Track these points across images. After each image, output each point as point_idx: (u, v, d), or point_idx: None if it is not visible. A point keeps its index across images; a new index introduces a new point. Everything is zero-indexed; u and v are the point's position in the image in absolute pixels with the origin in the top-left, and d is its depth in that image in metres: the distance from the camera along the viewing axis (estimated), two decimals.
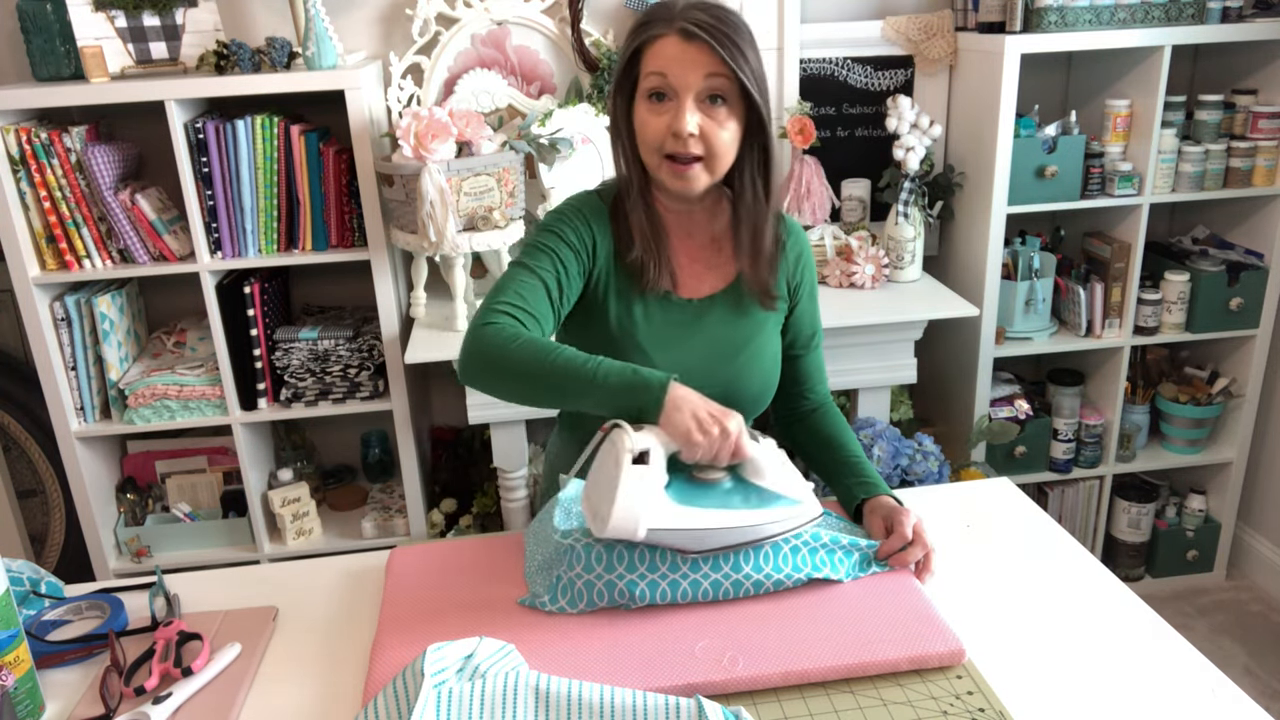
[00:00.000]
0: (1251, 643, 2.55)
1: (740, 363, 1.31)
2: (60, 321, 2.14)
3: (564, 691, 0.91)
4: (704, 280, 1.33)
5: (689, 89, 1.18)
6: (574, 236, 1.27)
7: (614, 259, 1.30)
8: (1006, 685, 1.01)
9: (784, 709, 0.98)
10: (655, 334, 1.30)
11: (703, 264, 1.33)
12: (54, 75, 2.11)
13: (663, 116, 1.20)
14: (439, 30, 2.32)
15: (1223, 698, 0.99)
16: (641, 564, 1.10)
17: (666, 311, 1.31)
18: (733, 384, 1.31)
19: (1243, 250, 2.57)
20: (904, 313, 2.20)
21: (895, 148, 2.35)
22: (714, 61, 1.17)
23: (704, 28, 1.16)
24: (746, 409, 1.34)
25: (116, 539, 2.35)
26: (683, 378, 1.23)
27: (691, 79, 1.18)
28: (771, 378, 1.36)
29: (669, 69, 1.18)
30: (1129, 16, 2.25)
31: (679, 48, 1.17)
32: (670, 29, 1.17)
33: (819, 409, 1.44)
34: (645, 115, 1.22)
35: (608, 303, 1.30)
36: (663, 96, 1.20)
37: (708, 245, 1.34)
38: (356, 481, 2.62)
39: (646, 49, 1.20)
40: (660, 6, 1.20)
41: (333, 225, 2.17)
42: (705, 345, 1.31)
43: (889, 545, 1.18)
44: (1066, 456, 2.61)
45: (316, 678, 1.07)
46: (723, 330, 1.32)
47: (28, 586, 1.21)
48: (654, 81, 1.19)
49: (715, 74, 1.17)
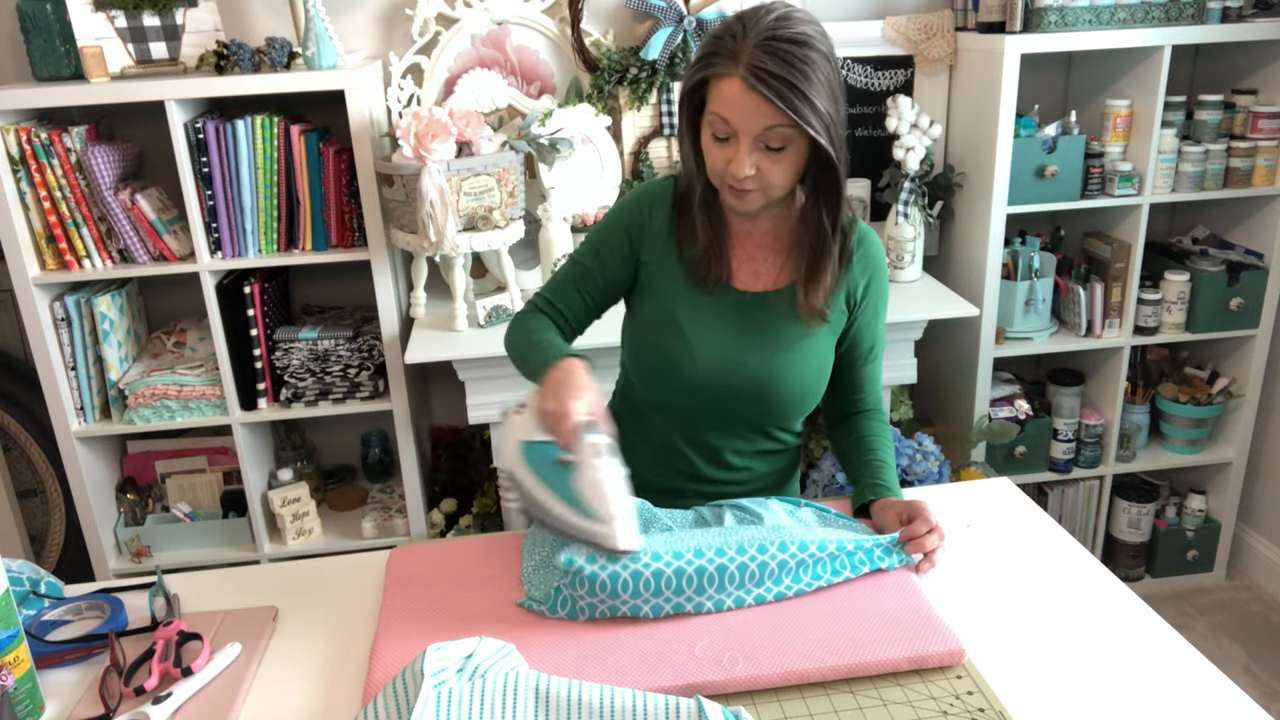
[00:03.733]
0: (1251, 643, 2.55)
1: (781, 363, 1.31)
2: (60, 321, 2.14)
3: (564, 692, 0.91)
4: (760, 276, 1.33)
5: (748, 135, 1.16)
6: (620, 235, 1.34)
7: (672, 246, 1.32)
8: (1006, 685, 1.01)
9: (784, 709, 0.98)
10: (699, 318, 1.30)
11: (759, 262, 1.33)
12: (54, 75, 2.11)
13: (724, 150, 1.19)
14: (439, 30, 2.31)
15: (1224, 698, 0.99)
16: (646, 590, 1.09)
17: (716, 300, 1.31)
18: (770, 381, 1.31)
19: (1243, 250, 2.57)
20: (904, 313, 2.19)
21: (895, 148, 2.35)
22: (775, 115, 1.13)
23: (767, 79, 1.11)
24: (782, 409, 1.35)
25: (116, 539, 2.35)
26: (717, 365, 1.29)
27: (750, 127, 1.15)
28: (814, 383, 1.35)
29: (730, 114, 1.16)
30: (1129, 16, 2.25)
31: (741, 93, 1.13)
32: (735, 70, 1.13)
33: (865, 414, 1.44)
34: (709, 145, 1.21)
35: (659, 286, 1.32)
36: (725, 137, 1.19)
37: (768, 244, 1.33)
38: (356, 481, 2.62)
39: (712, 82, 1.17)
40: (730, 34, 1.15)
41: (333, 225, 2.17)
42: (747, 338, 1.31)
43: (914, 529, 1.19)
44: (1066, 456, 2.61)
45: (316, 678, 1.07)
46: (769, 327, 1.31)
47: (28, 586, 1.21)
48: (716, 122, 1.18)
49: (776, 125, 1.14)
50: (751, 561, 1.11)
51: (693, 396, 1.32)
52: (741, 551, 1.12)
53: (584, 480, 1.10)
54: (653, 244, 1.33)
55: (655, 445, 1.39)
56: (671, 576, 1.09)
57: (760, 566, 1.11)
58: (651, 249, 1.33)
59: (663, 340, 1.31)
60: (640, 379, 1.38)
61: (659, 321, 1.32)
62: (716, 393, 1.31)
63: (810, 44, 1.14)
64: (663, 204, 1.33)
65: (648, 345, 1.33)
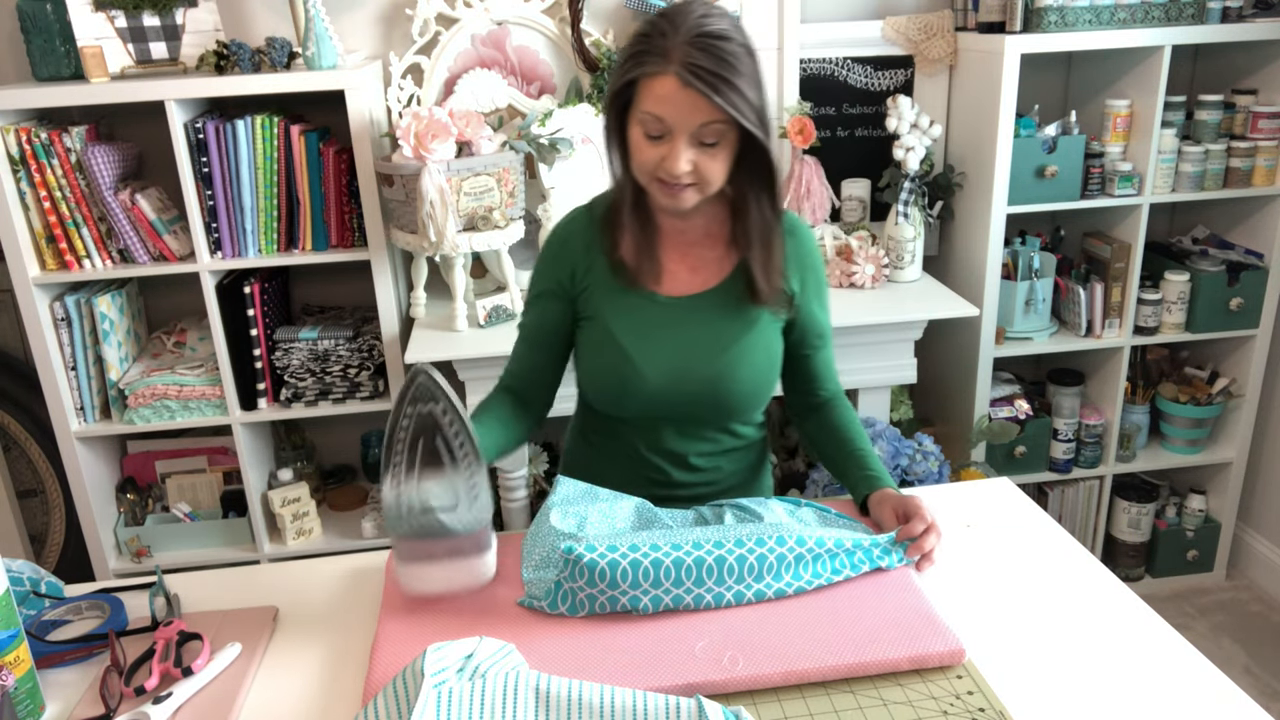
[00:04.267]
0: (1251, 643, 2.55)
1: (726, 361, 1.31)
2: (60, 321, 2.14)
3: (564, 691, 0.91)
4: (693, 278, 1.34)
5: (684, 131, 1.17)
6: (550, 285, 1.35)
7: (601, 264, 1.33)
8: (1006, 685, 1.01)
9: (784, 709, 0.98)
10: (637, 331, 1.31)
11: (692, 261, 1.34)
12: (54, 75, 2.11)
13: (657, 150, 1.20)
14: (439, 30, 2.31)
15: (1224, 698, 0.99)
16: (645, 580, 1.09)
17: (649, 310, 1.32)
18: (720, 382, 1.31)
19: (1243, 250, 2.57)
20: (904, 313, 2.20)
21: (895, 148, 2.35)
22: (711, 110, 1.15)
23: (702, 75, 1.12)
24: (739, 405, 1.35)
25: (116, 539, 2.35)
26: (667, 374, 1.30)
27: (687, 123, 1.16)
28: (765, 377, 1.36)
29: (664, 112, 1.16)
30: (1129, 16, 2.25)
31: (675, 90, 1.14)
32: (668, 69, 1.14)
33: (828, 402, 1.44)
34: (640, 142, 1.21)
35: (595, 307, 1.33)
36: (658, 135, 1.19)
37: (699, 243, 1.34)
38: (356, 481, 2.62)
39: (641, 82, 1.17)
40: (658, 33, 1.16)
41: (333, 225, 2.17)
42: (688, 343, 1.31)
43: (910, 529, 1.19)
44: (1066, 456, 2.61)
45: (316, 678, 1.07)
46: (708, 328, 1.32)
47: (28, 586, 1.21)
48: (648, 121, 1.18)
49: (712, 120, 1.16)
50: (750, 554, 1.11)
51: (650, 409, 1.34)
52: (740, 545, 1.12)
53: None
54: (584, 274, 1.33)
55: (621, 459, 1.40)
56: (670, 567, 1.09)
57: (759, 560, 1.11)
58: (584, 279, 1.33)
59: (610, 361, 1.31)
60: (596, 402, 1.39)
61: (603, 343, 1.32)
62: (672, 401, 1.32)
63: (735, 39, 1.16)
64: (582, 233, 1.34)
65: (598, 369, 1.34)
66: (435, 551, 1.10)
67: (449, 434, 1.05)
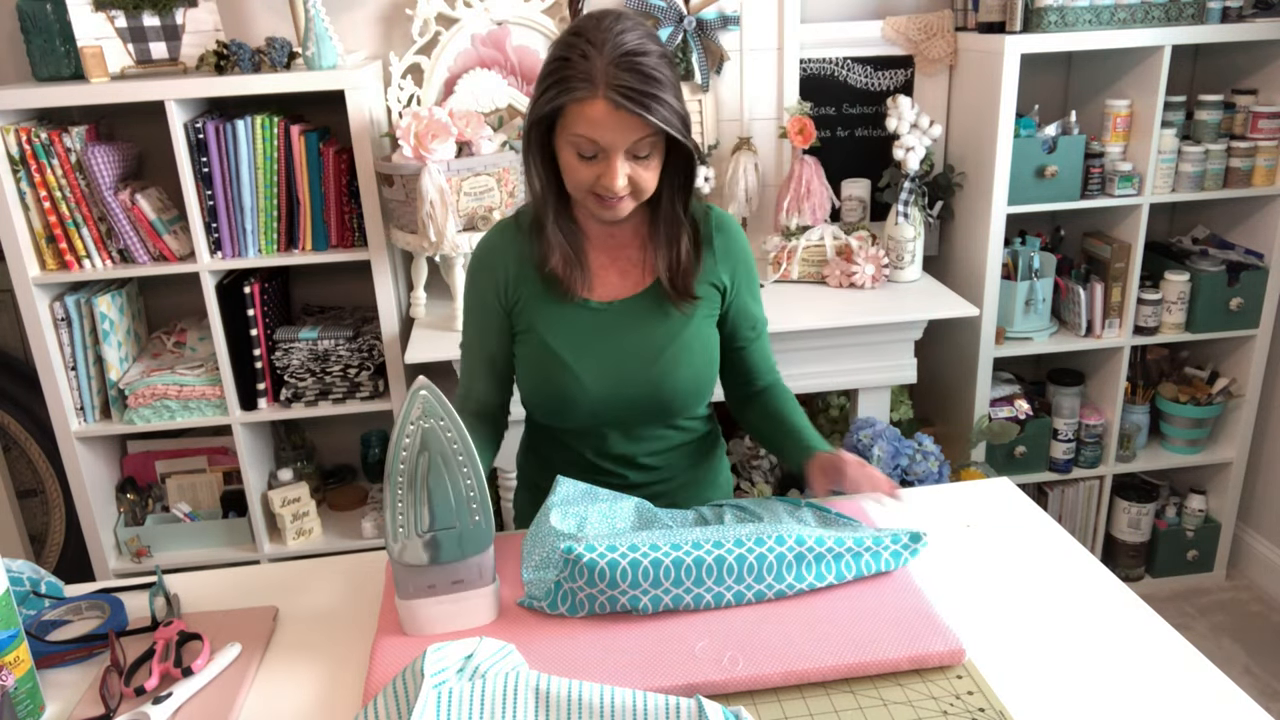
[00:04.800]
0: (1251, 643, 2.55)
1: (665, 362, 1.32)
2: (60, 321, 2.14)
3: (564, 691, 0.91)
4: (623, 282, 1.34)
5: (618, 150, 1.18)
6: (486, 301, 1.35)
7: (532, 276, 1.33)
8: (1006, 685, 1.01)
9: (784, 709, 0.98)
10: (573, 341, 1.31)
11: (621, 266, 1.35)
12: (54, 75, 2.11)
13: (592, 169, 1.20)
14: (439, 30, 2.31)
15: (1224, 698, 0.99)
16: (645, 580, 1.09)
17: (583, 317, 1.32)
18: (660, 384, 1.32)
19: (1243, 250, 2.57)
20: (904, 313, 2.20)
21: (895, 148, 2.35)
22: (642, 127, 1.16)
23: (631, 96, 1.13)
24: (681, 403, 1.36)
25: (116, 539, 2.35)
26: (606, 381, 1.30)
27: (620, 142, 1.17)
28: (704, 374, 1.36)
29: (597, 135, 1.16)
30: (1129, 16, 2.25)
31: (606, 114, 1.15)
32: (595, 93, 1.14)
33: (766, 390, 1.45)
34: (572, 163, 1.21)
35: (529, 320, 1.33)
36: (591, 156, 1.19)
37: (627, 247, 1.35)
38: (356, 481, 2.62)
39: (570, 106, 1.16)
40: (579, 55, 1.15)
41: (333, 225, 2.17)
42: (625, 348, 1.32)
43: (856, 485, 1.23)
44: (1066, 456, 2.61)
45: (316, 678, 1.07)
46: (643, 332, 1.32)
47: (28, 586, 1.21)
48: (582, 143, 1.18)
49: (645, 135, 1.17)
50: (750, 554, 1.11)
51: (593, 417, 1.34)
52: (740, 544, 1.12)
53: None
54: (515, 287, 1.33)
55: (571, 469, 1.40)
56: (670, 567, 1.09)
57: (759, 560, 1.11)
58: (516, 292, 1.33)
59: (549, 374, 1.32)
60: (539, 413, 1.40)
61: (541, 356, 1.32)
62: (614, 406, 1.33)
63: (654, 50, 1.17)
64: (508, 247, 1.34)
65: (537, 382, 1.34)
66: (437, 582, 1.09)
67: (449, 452, 1.05)
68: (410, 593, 1.08)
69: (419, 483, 1.05)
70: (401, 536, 1.06)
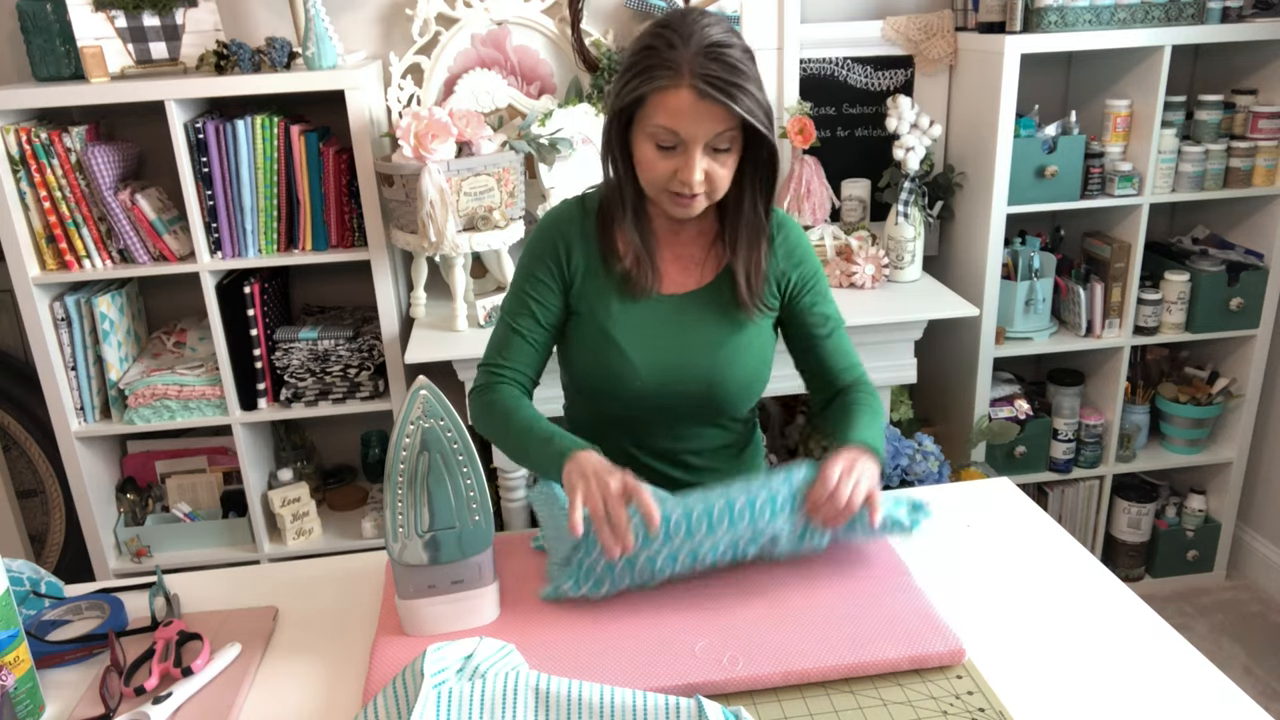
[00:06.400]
0: (1251, 643, 2.55)
1: (724, 356, 1.31)
2: (60, 321, 2.14)
3: (564, 691, 0.91)
4: (687, 276, 1.34)
5: (698, 142, 1.17)
6: (545, 273, 1.32)
7: (596, 264, 1.32)
8: (1006, 685, 1.01)
9: (784, 709, 0.98)
10: (633, 331, 1.31)
11: (686, 260, 1.34)
12: (54, 75, 2.11)
13: (670, 161, 1.20)
14: (439, 30, 2.31)
15: (1224, 698, 0.99)
16: (656, 539, 1.09)
17: (646, 309, 1.32)
18: (715, 376, 1.31)
19: (1243, 250, 2.57)
20: (904, 313, 2.20)
21: (895, 148, 2.35)
22: (728, 118, 1.16)
23: (718, 85, 1.13)
24: (730, 402, 1.35)
25: (116, 539, 2.35)
26: (662, 373, 1.29)
27: (702, 134, 1.17)
28: (757, 370, 1.35)
29: (679, 125, 1.16)
30: (1129, 16, 2.25)
31: (691, 104, 1.14)
32: (681, 82, 1.14)
33: (847, 388, 1.39)
34: (650, 156, 1.21)
35: (589, 305, 1.32)
36: (670, 146, 1.19)
37: (693, 241, 1.35)
38: (356, 481, 2.62)
39: (653, 96, 1.16)
40: (665, 45, 1.15)
41: (333, 225, 2.17)
42: (684, 341, 1.31)
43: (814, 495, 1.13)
44: (1066, 456, 2.61)
45: (316, 678, 1.07)
46: (705, 325, 1.32)
47: (28, 586, 1.21)
48: (661, 134, 1.18)
49: (727, 128, 1.17)
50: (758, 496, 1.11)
51: (642, 407, 1.33)
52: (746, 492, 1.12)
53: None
54: (577, 266, 1.33)
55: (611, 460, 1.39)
56: (680, 519, 1.09)
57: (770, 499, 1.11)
58: (576, 272, 1.33)
59: (605, 358, 1.31)
60: (588, 398, 1.39)
61: (598, 341, 1.32)
62: (665, 398, 1.32)
63: (738, 44, 1.17)
64: (574, 226, 1.33)
65: (591, 366, 1.33)
66: (438, 582, 1.08)
67: (449, 452, 1.05)
68: (410, 593, 1.08)
69: (419, 483, 1.05)
70: (401, 536, 1.06)
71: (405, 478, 1.04)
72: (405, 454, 1.04)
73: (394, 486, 1.05)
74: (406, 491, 1.05)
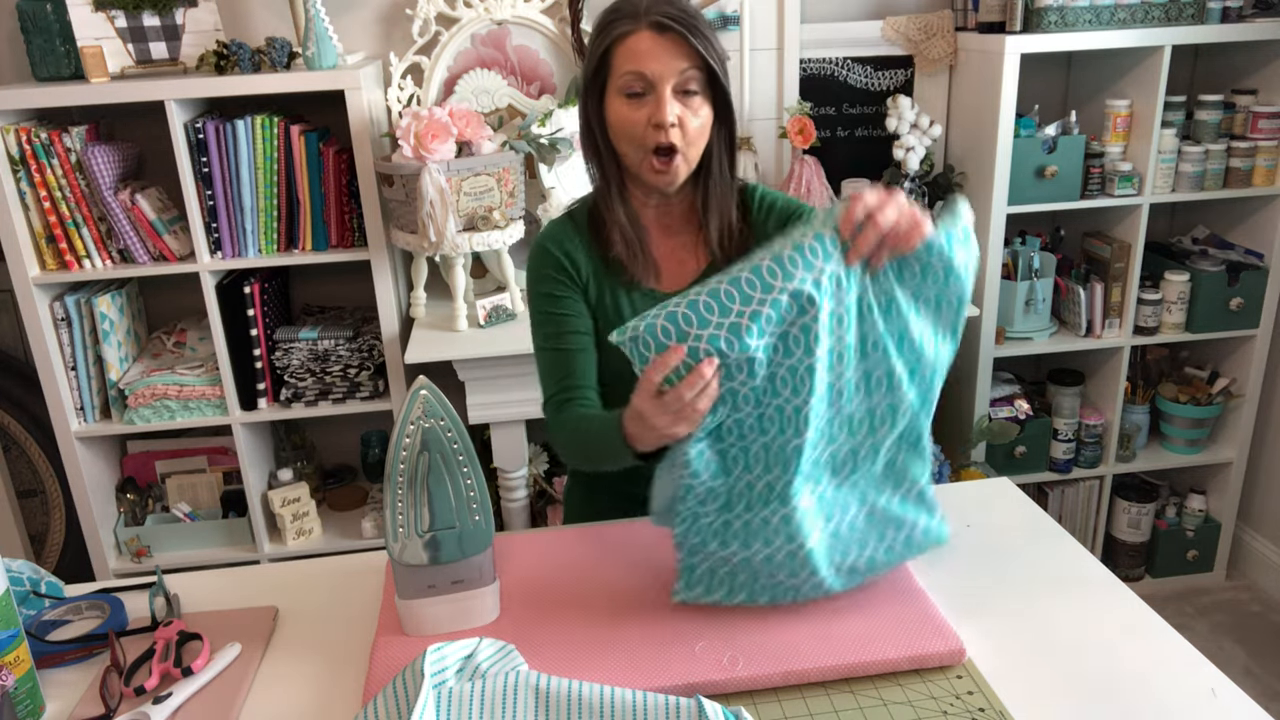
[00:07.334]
0: (1251, 643, 2.55)
1: None
2: (60, 321, 2.14)
3: (564, 691, 0.91)
4: (680, 271, 1.35)
5: (666, 80, 1.21)
6: (561, 287, 1.32)
7: (599, 266, 1.33)
8: (1006, 685, 1.01)
9: (784, 709, 0.98)
10: None
11: (679, 255, 1.36)
12: (54, 75, 2.11)
13: (642, 110, 1.23)
14: (439, 30, 2.32)
15: (1224, 699, 0.99)
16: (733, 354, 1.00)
17: (646, 305, 1.32)
18: None
19: (1243, 250, 2.57)
20: None
21: (895, 148, 2.35)
22: (689, 53, 1.20)
23: (676, 20, 1.19)
24: None
25: (116, 539, 2.35)
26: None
27: (668, 70, 1.21)
28: None
29: (644, 64, 1.21)
30: (1129, 16, 2.25)
31: (652, 42, 1.20)
32: (640, 25, 1.20)
33: None
34: (624, 111, 1.24)
35: (600, 307, 1.34)
36: (640, 93, 1.23)
37: (685, 234, 1.36)
38: (356, 481, 2.62)
39: (617, 47, 1.22)
40: (623, 4, 1.23)
41: (333, 225, 2.17)
42: None
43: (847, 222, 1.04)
44: (1066, 456, 2.61)
45: (316, 678, 1.07)
46: None
47: (28, 586, 1.21)
48: (629, 80, 1.22)
49: (690, 66, 1.21)
50: (805, 242, 1.01)
51: None
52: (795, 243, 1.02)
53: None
54: (585, 271, 1.34)
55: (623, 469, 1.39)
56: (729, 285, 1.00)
57: (818, 238, 1.01)
58: (587, 276, 1.34)
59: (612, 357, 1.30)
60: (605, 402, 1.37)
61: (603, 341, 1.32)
62: None
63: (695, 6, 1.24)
64: (569, 238, 1.34)
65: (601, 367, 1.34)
66: (437, 582, 1.08)
67: (449, 452, 1.05)
68: (410, 593, 1.08)
69: (419, 483, 1.05)
70: (401, 536, 1.06)
71: (405, 478, 1.04)
72: (405, 454, 1.04)
73: (394, 486, 1.05)
74: (406, 491, 1.05)
